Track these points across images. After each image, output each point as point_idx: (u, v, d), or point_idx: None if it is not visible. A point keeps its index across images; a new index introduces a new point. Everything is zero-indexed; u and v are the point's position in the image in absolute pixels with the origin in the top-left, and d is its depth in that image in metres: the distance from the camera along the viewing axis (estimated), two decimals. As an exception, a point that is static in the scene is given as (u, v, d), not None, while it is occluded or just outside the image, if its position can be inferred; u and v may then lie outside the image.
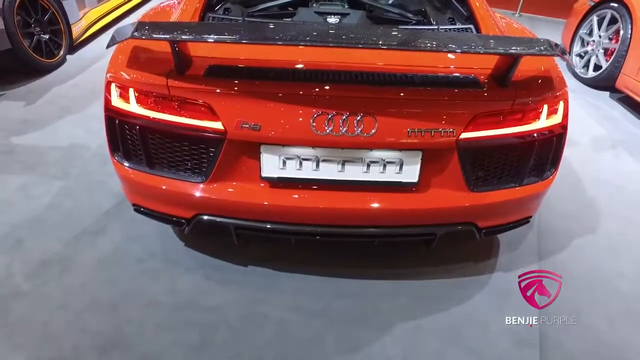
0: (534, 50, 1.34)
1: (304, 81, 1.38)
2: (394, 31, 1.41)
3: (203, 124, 1.44)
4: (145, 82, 1.45)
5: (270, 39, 1.24)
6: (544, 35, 4.36)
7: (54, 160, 2.61)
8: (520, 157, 1.60)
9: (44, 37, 3.54)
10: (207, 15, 1.76)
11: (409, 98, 1.40)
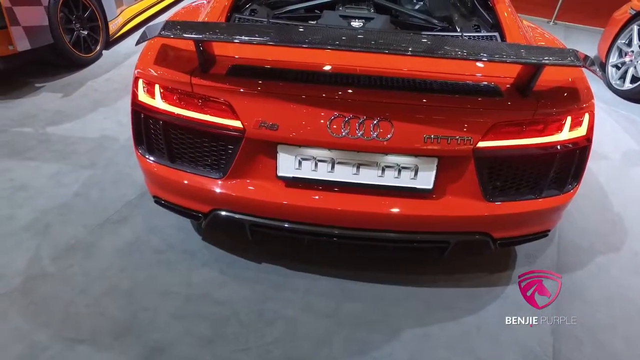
0: (558, 60, 1.31)
1: (322, 84, 1.40)
2: (419, 38, 1.41)
3: (223, 121, 1.48)
4: (170, 79, 1.50)
5: (297, 42, 1.26)
6: (578, 45, 4.20)
7: (84, 151, 2.73)
8: (540, 168, 1.57)
9: (83, 33, 3.71)
10: (234, 16, 1.81)
11: (426, 104, 1.40)
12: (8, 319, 1.68)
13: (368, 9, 2.33)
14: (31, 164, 2.58)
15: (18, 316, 1.69)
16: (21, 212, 2.21)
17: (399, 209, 1.54)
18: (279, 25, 1.68)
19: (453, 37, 1.71)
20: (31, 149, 2.72)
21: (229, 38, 1.30)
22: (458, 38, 1.67)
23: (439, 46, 1.29)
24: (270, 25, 1.70)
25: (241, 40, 1.28)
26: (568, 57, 1.33)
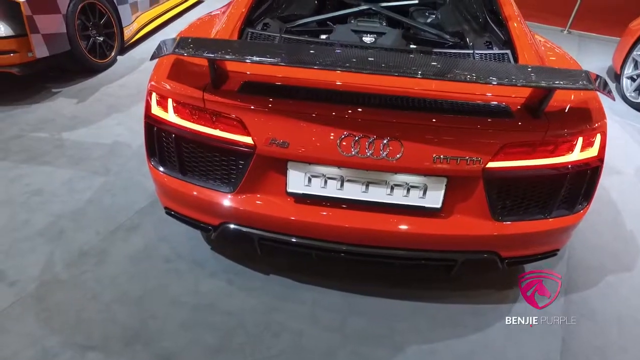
0: (570, 84, 1.30)
1: (333, 102, 1.41)
2: (428, 60, 1.42)
3: (234, 137, 1.50)
4: (183, 94, 1.53)
5: (308, 63, 1.28)
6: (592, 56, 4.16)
7: (97, 156, 2.78)
8: (550, 189, 1.56)
9: (99, 39, 3.78)
10: (247, 31, 1.84)
11: (436, 124, 1.40)
12: (22, 325, 1.72)
13: (380, 22, 2.34)
14: (46, 169, 2.63)
15: (31, 322, 1.73)
16: (36, 217, 2.27)
17: (407, 227, 1.55)
18: (289, 45, 1.69)
19: (464, 58, 1.71)
20: (47, 153, 2.78)
21: (240, 58, 1.32)
22: (468, 59, 1.66)
23: (448, 69, 1.30)
24: (281, 45, 1.71)
25: (252, 61, 1.30)
26: (580, 81, 1.32)
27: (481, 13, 2.18)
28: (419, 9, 2.62)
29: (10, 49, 3.08)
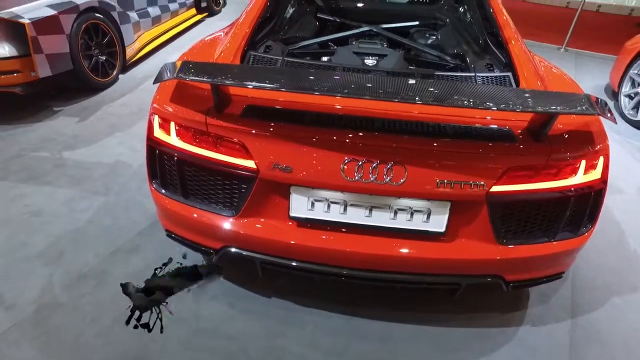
0: (572, 109, 1.31)
1: (336, 127, 1.42)
2: (429, 85, 1.42)
3: (237, 161, 1.50)
4: (185, 118, 1.53)
5: (307, 89, 1.28)
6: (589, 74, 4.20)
7: (98, 176, 2.77)
8: (553, 212, 1.55)
9: (101, 58, 3.82)
10: (249, 54, 1.85)
11: (440, 149, 1.40)
12: (19, 350, 1.69)
13: (381, 43, 2.36)
14: (46, 189, 2.62)
15: (29, 347, 1.70)
16: (36, 239, 2.25)
17: (411, 252, 1.53)
18: (290, 70, 1.69)
19: (465, 82, 1.72)
20: (47, 173, 2.78)
21: (242, 83, 1.33)
22: (470, 84, 1.67)
23: (451, 94, 1.30)
24: (282, 69, 1.71)
25: (254, 86, 1.31)
26: (582, 105, 1.33)
27: (481, 35, 2.20)
28: (420, 30, 2.65)
29: (14, 69, 3.10)
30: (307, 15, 2.60)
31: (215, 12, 6.17)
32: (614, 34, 6.97)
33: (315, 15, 2.69)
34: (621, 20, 7.89)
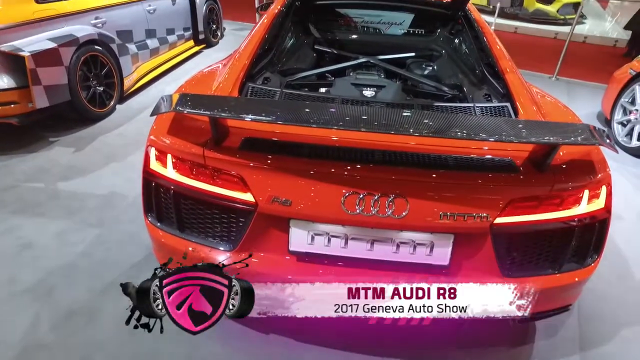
0: (574, 139, 1.30)
1: (336, 160, 1.40)
2: (427, 117, 1.42)
3: (235, 195, 1.46)
4: (182, 150, 1.51)
5: (304, 122, 1.27)
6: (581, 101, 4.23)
7: (92, 208, 2.72)
8: (558, 243, 1.52)
9: (99, 89, 3.83)
10: (247, 86, 1.85)
11: (442, 181, 1.38)
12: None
13: (378, 74, 2.39)
14: (39, 221, 2.57)
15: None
16: (25, 273, 2.17)
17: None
18: (288, 103, 1.69)
19: (464, 113, 1.72)
20: (41, 204, 2.72)
21: (239, 116, 1.31)
22: (469, 115, 1.67)
23: (450, 126, 1.29)
24: (279, 102, 1.71)
25: (252, 119, 1.30)
26: (583, 135, 1.32)
27: (478, 65, 2.23)
28: (416, 61, 2.69)
29: (11, 100, 3.10)
30: (304, 47, 2.64)
31: (213, 44, 6.27)
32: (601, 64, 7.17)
33: (312, 46, 2.73)
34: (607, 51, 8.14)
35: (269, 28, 2.24)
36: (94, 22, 3.82)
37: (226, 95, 1.76)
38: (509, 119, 1.63)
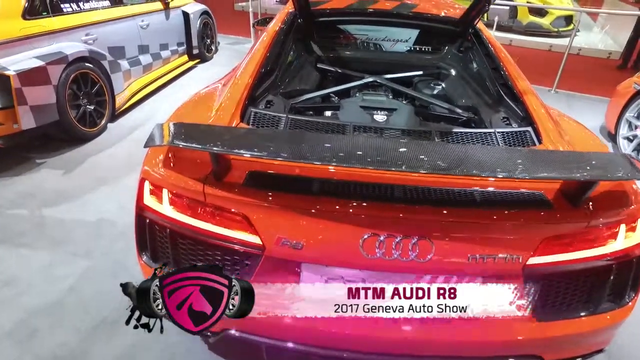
0: (618, 174, 1.18)
1: (354, 198, 1.26)
2: (449, 150, 1.27)
3: (239, 236, 1.32)
4: (180, 185, 1.36)
5: (316, 160, 1.13)
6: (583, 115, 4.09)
7: (80, 237, 2.55)
8: (595, 282, 1.39)
9: (89, 107, 3.68)
10: (249, 111, 1.71)
11: (470, 220, 1.25)
12: None
13: (386, 94, 2.26)
14: (22, 253, 2.39)
15: None
16: (5, 314, 1.99)
17: (437, 333, 1.34)
18: (295, 135, 1.52)
19: (485, 141, 1.59)
20: (24, 234, 2.55)
21: (241, 153, 1.17)
22: (495, 148, 1.49)
23: (478, 163, 1.16)
24: (285, 133, 1.54)
25: (256, 156, 1.15)
26: (627, 169, 1.20)
27: (493, 86, 2.11)
28: (424, 80, 2.58)
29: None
30: (306, 66, 2.52)
31: (208, 59, 6.16)
32: (598, 76, 7.15)
33: (315, 65, 2.61)
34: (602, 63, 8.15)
35: (269, 47, 2.11)
36: (85, 39, 3.69)
37: (227, 121, 1.61)
38: (541, 152, 1.46)
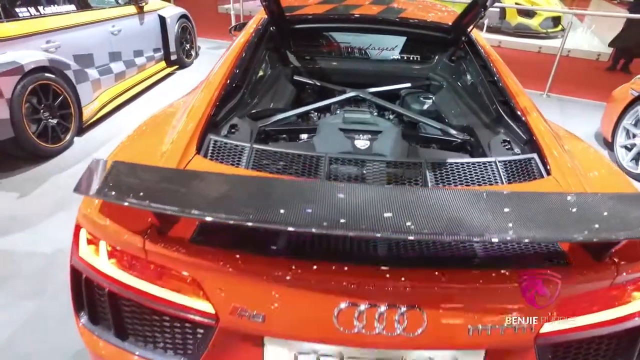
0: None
1: (326, 259, 1.01)
2: (443, 205, 1.00)
3: (188, 302, 1.07)
4: (118, 239, 1.11)
5: (272, 222, 0.88)
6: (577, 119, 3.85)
7: (30, 273, 2.26)
8: (618, 348, 1.17)
9: (51, 122, 3.38)
10: (209, 139, 1.46)
11: (470, 284, 1.01)
12: None
13: (370, 110, 2.03)
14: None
15: None
16: None
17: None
18: (250, 182, 1.15)
19: (486, 177, 1.35)
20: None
21: (183, 212, 0.91)
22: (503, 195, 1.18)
23: (476, 221, 0.91)
24: (239, 180, 1.15)
25: (202, 216, 0.90)
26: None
27: (490, 103, 1.88)
28: (412, 93, 2.34)
29: (-63, 141, 2.64)
30: (281, 79, 2.26)
31: (187, 65, 5.86)
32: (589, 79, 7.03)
33: (291, 78, 2.36)
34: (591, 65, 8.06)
35: (238, 59, 1.86)
36: (46, 47, 3.39)
37: (181, 152, 1.35)
38: (555, 198, 1.16)
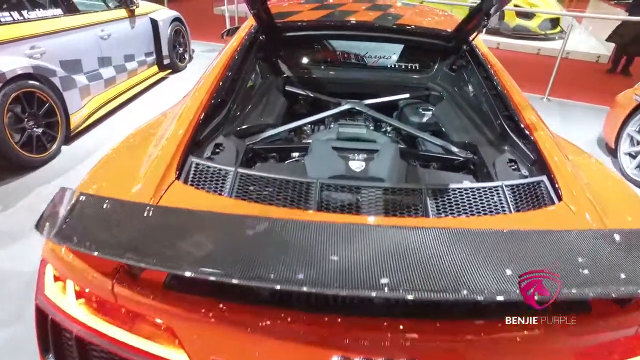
0: None
1: (313, 310, 0.90)
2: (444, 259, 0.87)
3: (162, 351, 0.95)
4: (85, 279, 1.00)
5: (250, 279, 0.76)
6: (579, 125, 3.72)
7: (12, 293, 2.14)
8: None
9: (37, 131, 3.25)
10: (190, 161, 1.33)
11: (478, 336, 0.89)
12: None
13: (366, 124, 1.91)
14: None
15: None
16: None
17: None
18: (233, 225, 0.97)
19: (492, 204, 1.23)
20: (-59, 292, 2.13)
21: (150, 264, 0.79)
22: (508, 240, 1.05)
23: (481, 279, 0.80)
24: (221, 221, 0.99)
25: (169, 269, 0.78)
26: None
27: (494, 117, 1.77)
28: (411, 103, 2.23)
29: None
30: (272, 91, 2.14)
31: (180, 69, 5.74)
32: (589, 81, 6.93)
33: (282, 89, 2.24)
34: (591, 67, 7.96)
35: (225, 69, 1.74)
36: (30, 53, 3.26)
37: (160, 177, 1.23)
38: (574, 237, 0.99)
